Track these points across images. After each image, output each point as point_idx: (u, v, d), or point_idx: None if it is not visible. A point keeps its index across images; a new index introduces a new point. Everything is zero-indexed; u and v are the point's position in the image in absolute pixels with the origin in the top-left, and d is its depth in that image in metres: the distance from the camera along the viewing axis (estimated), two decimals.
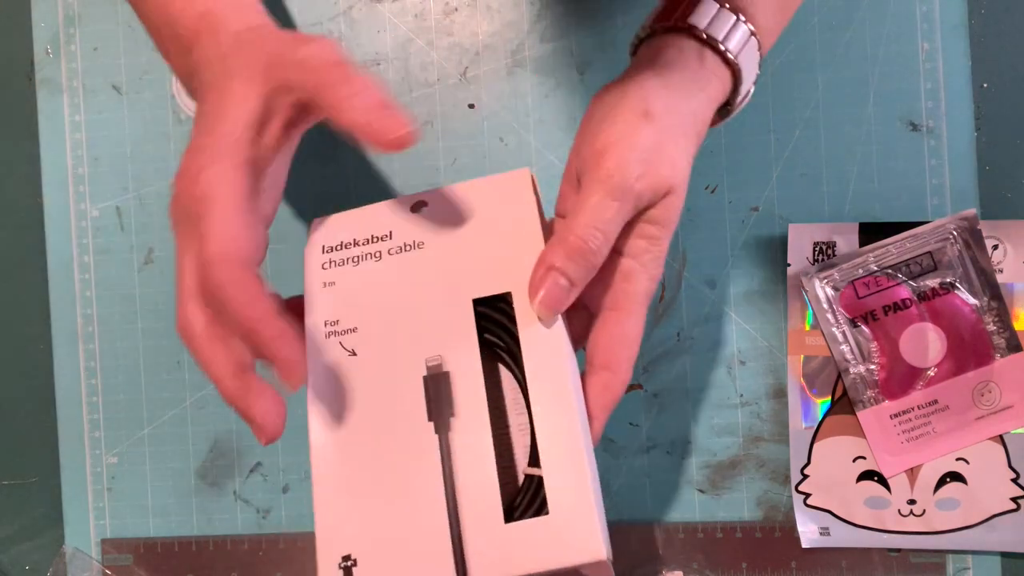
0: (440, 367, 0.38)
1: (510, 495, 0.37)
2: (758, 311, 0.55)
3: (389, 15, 0.57)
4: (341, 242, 0.41)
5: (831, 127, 0.55)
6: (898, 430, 0.54)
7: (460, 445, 0.37)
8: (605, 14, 0.56)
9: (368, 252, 0.41)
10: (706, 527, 0.56)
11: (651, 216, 0.39)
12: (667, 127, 0.39)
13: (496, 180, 0.41)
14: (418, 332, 0.39)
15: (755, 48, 0.41)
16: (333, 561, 0.37)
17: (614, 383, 0.40)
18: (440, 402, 0.37)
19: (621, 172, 0.37)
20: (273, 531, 0.57)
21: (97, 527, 0.58)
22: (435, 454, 0.37)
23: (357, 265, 0.41)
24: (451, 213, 0.41)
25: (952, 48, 0.54)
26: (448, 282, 0.39)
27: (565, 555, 0.34)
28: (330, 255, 0.41)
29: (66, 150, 0.59)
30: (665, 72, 0.40)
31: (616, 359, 0.40)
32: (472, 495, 0.36)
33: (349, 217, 0.42)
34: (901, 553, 0.54)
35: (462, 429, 0.37)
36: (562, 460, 0.36)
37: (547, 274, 0.37)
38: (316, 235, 0.42)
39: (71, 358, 0.59)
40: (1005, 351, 0.53)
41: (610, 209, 0.37)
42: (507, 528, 0.35)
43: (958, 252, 0.53)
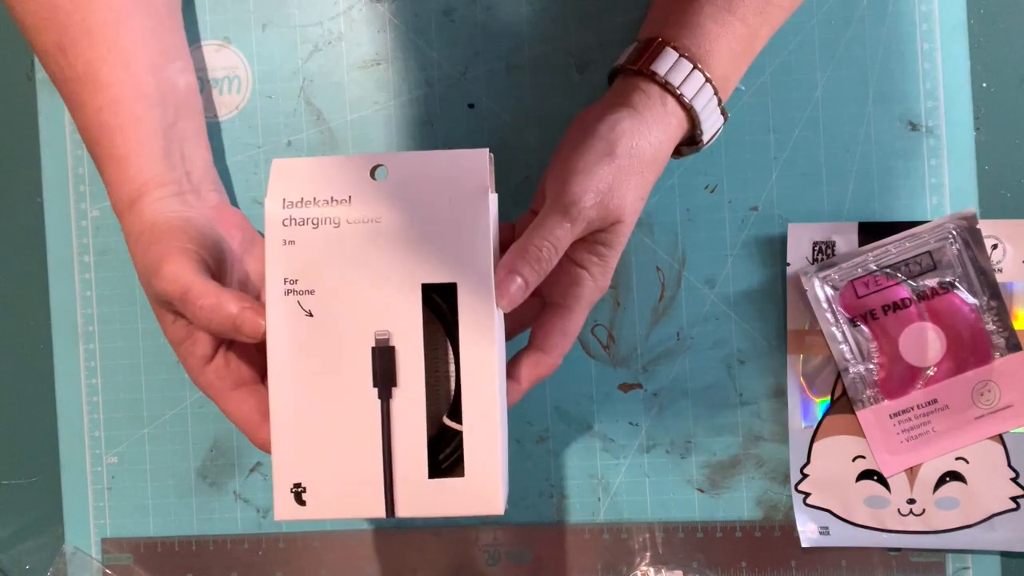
0: (387, 341, 0.44)
1: (434, 446, 0.44)
2: (758, 311, 0.55)
3: (389, 15, 0.57)
4: (301, 198, 0.44)
5: (830, 127, 0.55)
6: (898, 429, 0.54)
7: (398, 411, 0.44)
8: (605, 14, 0.56)
9: (328, 216, 0.44)
10: (706, 527, 0.56)
11: (601, 238, 0.47)
12: (624, 167, 0.46)
13: (455, 156, 0.44)
14: (370, 305, 0.44)
15: (711, 93, 0.48)
16: (287, 487, 0.44)
17: (546, 362, 0.48)
18: (385, 373, 0.44)
19: (577, 200, 0.45)
20: (273, 531, 0.57)
21: (97, 527, 0.58)
22: (377, 413, 0.44)
23: (316, 228, 0.44)
24: (409, 188, 0.44)
25: (952, 48, 0.54)
26: (401, 262, 0.44)
27: (472, 507, 0.44)
28: (290, 211, 0.44)
29: (66, 150, 0.59)
30: (635, 113, 0.47)
31: (553, 345, 0.48)
32: (404, 450, 0.44)
33: (309, 166, 0.45)
34: (901, 552, 0.54)
35: (401, 397, 0.44)
36: (480, 429, 0.43)
37: (507, 275, 0.44)
38: (277, 182, 0.45)
39: (71, 358, 0.59)
40: (1004, 350, 0.53)
41: (563, 229, 0.45)
42: (429, 482, 0.44)
43: (957, 251, 0.53)
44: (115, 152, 0.49)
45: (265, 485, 0.58)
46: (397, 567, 0.57)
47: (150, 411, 0.58)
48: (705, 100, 0.48)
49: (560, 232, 0.45)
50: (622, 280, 0.56)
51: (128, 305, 0.58)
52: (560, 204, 0.45)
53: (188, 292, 0.44)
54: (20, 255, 0.59)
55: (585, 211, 0.45)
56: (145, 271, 0.47)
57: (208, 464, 0.58)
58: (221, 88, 0.57)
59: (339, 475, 0.44)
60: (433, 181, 0.44)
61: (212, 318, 0.44)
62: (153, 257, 0.46)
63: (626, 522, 0.56)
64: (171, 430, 0.58)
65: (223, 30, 0.58)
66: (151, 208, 0.49)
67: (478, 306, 0.44)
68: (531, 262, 0.44)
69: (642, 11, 0.55)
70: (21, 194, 0.59)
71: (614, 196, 0.46)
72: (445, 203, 0.44)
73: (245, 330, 0.44)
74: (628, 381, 0.56)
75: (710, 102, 0.48)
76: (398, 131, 0.57)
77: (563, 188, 0.45)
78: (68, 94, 0.51)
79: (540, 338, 0.48)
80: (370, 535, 0.57)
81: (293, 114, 0.57)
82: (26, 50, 0.59)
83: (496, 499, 0.44)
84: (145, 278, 0.47)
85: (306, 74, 0.57)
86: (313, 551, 0.57)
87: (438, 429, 0.46)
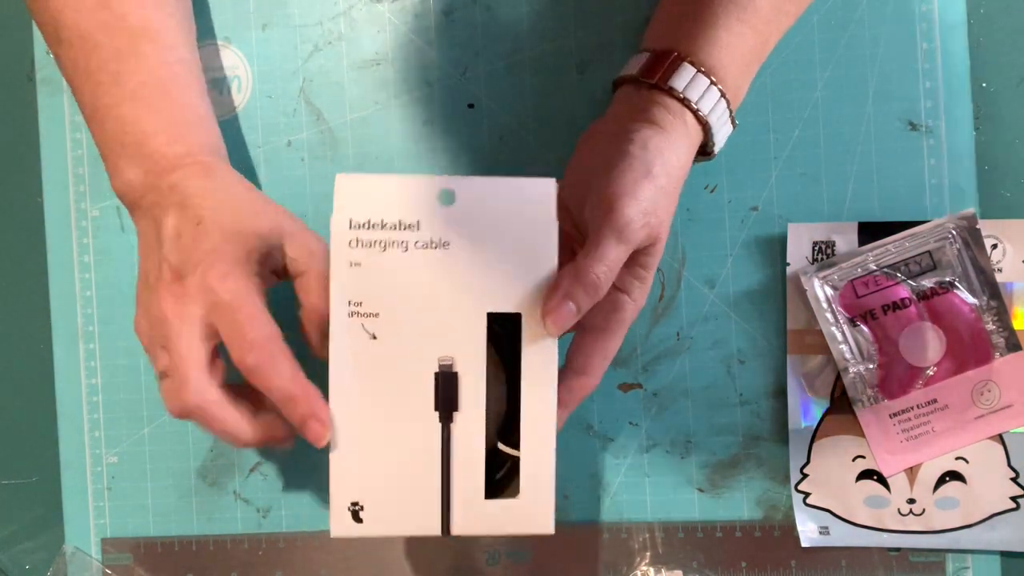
0: (451, 367, 0.45)
1: (490, 469, 0.45)
2: (757, 310, 0.55)
3: (389, 15, 0.57)
4: (369, 220, 0.44)
5: (830, 126, 0.55)
6: (897, 429, 0.54)
7: (458, 435, 0.45)
8: (605, 14, 0.56)
9: (396, 240, 0.44)
10: (706, 526, 0.56)
11: (641, 260, 0.47)
12: (662, 187, 0.46)
13: (523, 185, 0.45)
14: (434, 330, 0.44)
15: (724, 106, 0.49)
16: (344, 505, 0.45)
17: (588, 385, 0.48)
18: (447, 397, 0.45)
19: (629, 223, 0.45)
20: (273, 531, 0.58)
21: (97, 527, 0.58)
22: (437, 438, 0.45)
23: (384, 251, 0.44)
24: (477, 214, 0.44)
25: (951, 48, 0.54)
26: (467, 289, 0.44)
27: (525, 526, 0.45)
28: (357, 233, 0.44)
29: (66, 150, 0.59)
30: (661, 131, 0.47)
31: (594, 368, 0.48)
32: (462, 472, 0.45)
33: (377, 186, 0.44)
34: (901, 552, 0.54)
35: (461, 422, 0.45)
36: (537, 454, 0.45)
37: (562, 302, 0.44)
38: (343, 201, 0.44)
39: (71, 358, 0.59)
40: (1004, 350, 0.53)
41: (619, 252, 0.45)
42: (485, 503, 0.45)
43: (957, 251, 0.53)
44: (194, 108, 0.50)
45: (265, 485, 0.58)
46: (397, 567, 0.57)
47: (150, 411, 0.58)
48: (719, 113, 0.49)
49: (615, 256, 0.44)
50: None
51: (128, 305, 0.58)
52: (614, 227, 0.44)
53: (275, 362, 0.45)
54: (20, 255, 0.59)
55: (636, 233, 0.45)
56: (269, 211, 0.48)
57: (208, 464, 0.58)
58: (221, 88, 0.57)
59: (396, 494, 0.45)
60: (501, 210, 0.44)
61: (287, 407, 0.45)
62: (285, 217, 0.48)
63: (626, 522, 0.56)
64: (171, 430, 0.58)
65: (223, 30, 0.58)
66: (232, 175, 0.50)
67: (541, 338, 0.45)
68: (587, 288, 0.44)
69: (642, 11, 0.55)
70: (21, 194, 0.59)
71: (657, 216, 0.46)
72: (513, 232, 0.44)
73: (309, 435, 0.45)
74: (628, 381, 0.56)
75: (723, 114, 0.49)
76: (398, 131, 0.57)
77: (610, 211, 0.45)
78: (121, 46, 0.49)
79: (582, 362, 0.48)
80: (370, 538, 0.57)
81: (293, 114, 0.57)
82: (26, 50, 0.59)
83: (548, 519, 0.45)
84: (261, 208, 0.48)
85: (306, 74, 0.57)
86: (313, 551, 0.57)
87: (489, 452, 0.46)
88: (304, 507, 0.57)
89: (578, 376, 0.48)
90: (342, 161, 0.57)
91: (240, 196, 0.49)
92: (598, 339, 0.48)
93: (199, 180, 0.48)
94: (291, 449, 0.57)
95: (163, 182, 0.48)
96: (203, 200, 0.47)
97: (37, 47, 0.59)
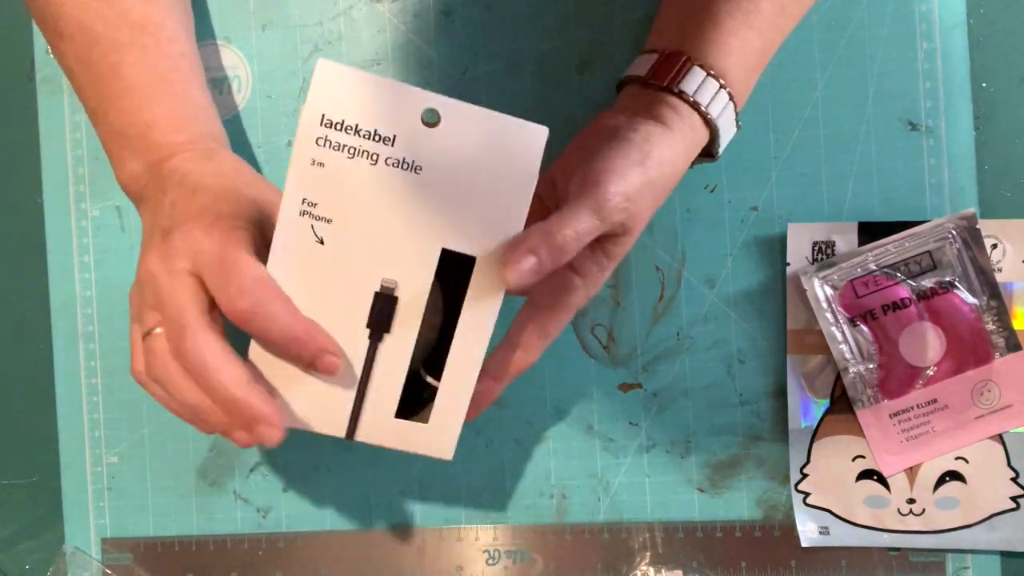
0: (392, 291, 0.44)
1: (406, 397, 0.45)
2: (757, 311, 0.55)
3: (389, 15, 0.57)
4: (343, 122, 0.41)
5: (830, 126, 0.55)
6: (897, 429, 0.54)
7: (383, 356, 0.44)
8: (605, 14, 0.56)
9: (367, 150, 0.41)
10: (706, 526, 0.56)
11: (607, 248, 0.47)
12: (651, 179, 0.46)
13: (513, 126, 0.42)
14: (384, 251, 0.43)
15: (732, 110, 0.49)
16: None
17: (524, 360, 0.48)
18: (381, 319, 0.44)
19: (610, 199, 0.44)
20: (273, 531, 0.58)
21: (97, 527, 0.58)
22: (363, 351, 0.44)
23: (351, 159, 0.42)
24: (457, 144, 0.42)
25: (951, 48, 0.54)
26: (428, 220, 0.43)
27: (426, 447, 0.46)
28: (328, 132, 0.41)
29: (66, 150, 0.59)
30: (667, 130, 0.47)
31: (531, 344, 0.48)
32: (378, 389, 0.45)
33: (360, 85, 0.41)
34: (901, 552, 0.54)
35: (390, 344, 0.44)
36: (455, 389, 0.45)
37: (525, 255, 0.42)
38: (320, 92, 0.41)
39: (71, 358, 0.59)
40: (1004, 350, 0.53)
41: (592, 225, 0.43)
42: (395, 421, 0.45)
43: (957, 251, 0.53)
44: (194, 99, 0.51)
45: (265, 485, 0.58)
46: (397, 567, 0.57)
47: (150, 411, 0.58)
48: (727, 116, 0.49)
49: (587, 226, 0.43)
50: (622, 280, 0.56)
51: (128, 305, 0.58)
52: (592, 199, 0.43)
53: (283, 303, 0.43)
54: (20, 255, 0.59)
55: (615, 212, 0.44)
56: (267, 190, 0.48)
57: (208, 464, 0.58)
58: (221, 88, 0.57)
59: (312, 392, 0.44)
60: (484, 146, 0.42)
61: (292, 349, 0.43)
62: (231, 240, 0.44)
63: (626, 522, 0.56)
64: (171, 430, 0.58)
65: (223, 30, 0.58)
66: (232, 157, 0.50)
67: (490, 286, 0.44)
68: (553, 248, 0.42)
69: (642, 11, 0.55)
70: (21, 194, 0.59)
71: (636, 204, 0.45)
72: (490, 173, 0.42)
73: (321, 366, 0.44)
74: (628, 381, 0.56)
75: (730, 117, 0.49)
76: None
77: (595, 184, 0.44)
78: (121, 38, 0.49)
79: (521, 337, 0.47)
80: (370, 535, 0.57)
81: (293, 114, 0.57)
82: (26, 50, 0.59)
83: (451, 445, 0.46)
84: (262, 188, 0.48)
85: (306, 74, 0.57)
86: (313, 551, 0.57)
87: (411, 376, 0.46)
88: (304, 507, 0.57)
89: (515, 350, 0.47)
90: None
91: (240, 170, 0.49)
92: (540, 317, 0.47)
93: (199, 162, 0.48)
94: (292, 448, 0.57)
95: (164, 168, 0.48)
96: (201, 176, 0.47)
97: (37, 47, 0.59)
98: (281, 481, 0.58)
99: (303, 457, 0.57)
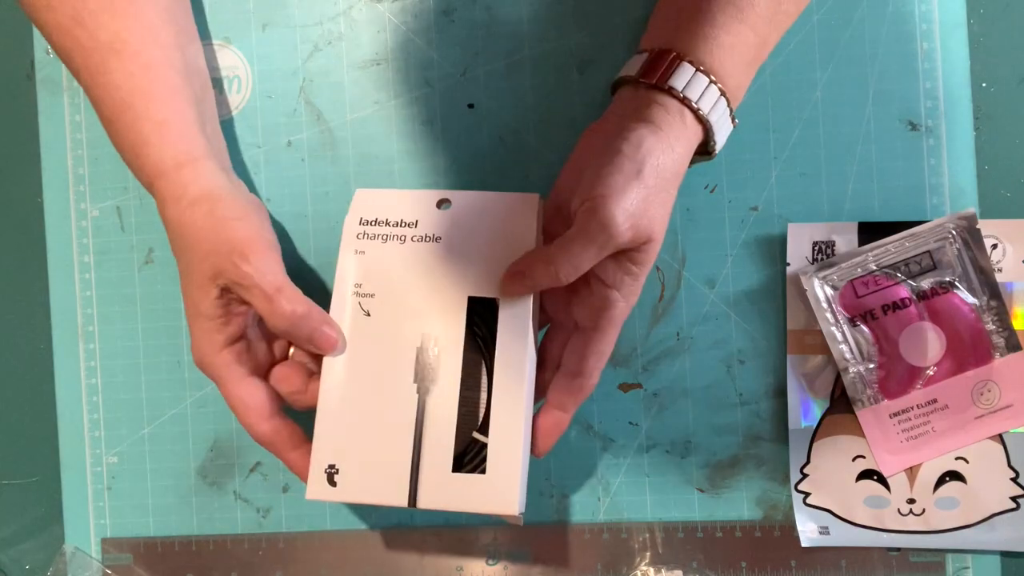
0: (432, 344, 0.48)
1: (460, 452, 0.48)
2: (757, 310, 0.55)
3: (389, 15, 0.57)
4: (376, 219, 0.50)
5: (830, 126, 0.55)
6: (897, 429, 0.54)
7: (432, 407, 0.48)
8: (605, 14, 0.56)
9: (396, 234, 0.50)
10: (706, 526, 0.56)
11: (632, 257, 0.47)
12: (653, 187, 0.46)
13: (510, 198, 0.50)
14: (421, 311, 0.49)
15: (725, 105, 0.49)
16: (321, 467, 0.48)
17: (586, 385, 0.49)
18: (426, 371, 0.48)
19: (607, 225, 0.45)
20: (273, 531, 0.58)
21: (97, 527, 0.58)
22: (413, 409, 0.48)
23: (385, 243, 0.50)
24: (468, 217, 0.50)
25: (951, 48, 0.54)
26: (453, 276, 0.49)
27: (490, 504, 0.47)
28: (365, 228, 0.50)
29: (66, 150, 0.59)
30: (657, 130, 0.47)
31: (589, 368, 0.49)
32: (433, 445, 0.48)
33: (387, 196, 0.51)
34: (901, 552, 0.54)
35: (438, 395, 0.48)
36: (504, 437, 0.47)
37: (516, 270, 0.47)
38: (357, 205, 0.51)
39: (71, 358, 0.59)
40: (1004, 350, 0.53)
41: (589, 253, 0.46)
42: (453, 476, 0.47)
43: (957, 251, 0.53)
44: (153, 115, 0.49)
45: (265, 485, 0.58)
46: (397, 567, 0.57)
47: (150, 411, 0.58)
48: (720, 112, 0.49)
49: (586, 256, 0.46)
50: None
51: (128, 305, 0.58)
52: (588, 230, 0.45)
53: (280, 292, 0.47)
54: (20, 255, 0.59)
55: (616, 236, 0.45)
56: (217, 243, 0.47)
57: (208, 464, 0.58)
58: (221, 88, 0.57)
59: (370, 462, 0.48)
60: (489, 214, 0.49)
61: (296, 324, 0.47)
62: (239, 236, 0.47)
63: (626, 522, 0.56)
64: (171, 430, 0.58)
65: (223, 30, 0.58)
66: (208, 176, 0.49)
67: (515, 324, 0.48)
68: (547, 278, 0.46)
69: (642, 11, 0.55)
70: (21, 194, 0.59)
71: (644, 217, 0.46)
72: (498, 233, 0.49)
73: (320, 343, 0.48)
74: (628, 381, 0.56)
75: (724, 113, 0.49)
76: (398, 131, 0.57)
77: (592, 213, 0.45)
78: (89, 64, 0.50)
79: (577, 363, 0.49)
80: (370, 535, 0.57)
81: (293, 114, 0.57)
82: (26, 50, 0.59)
83: (513, 499, 0.47)
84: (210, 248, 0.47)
85: (306, 74, 0.57)
86: (313, 551, 0.57)
87: (468, 442, 0.48)
88: (304, 507, 0.57)
89: (574, 378, 0.49)
90: (342, 161, 0.57)
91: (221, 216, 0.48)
92: (591, 339, 0.48)
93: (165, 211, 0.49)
94: None
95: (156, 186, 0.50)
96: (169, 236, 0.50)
97: (37, 47, 0.59)
98: (281, 481, 0.58)
99: None
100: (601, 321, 0.48)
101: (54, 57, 0.59)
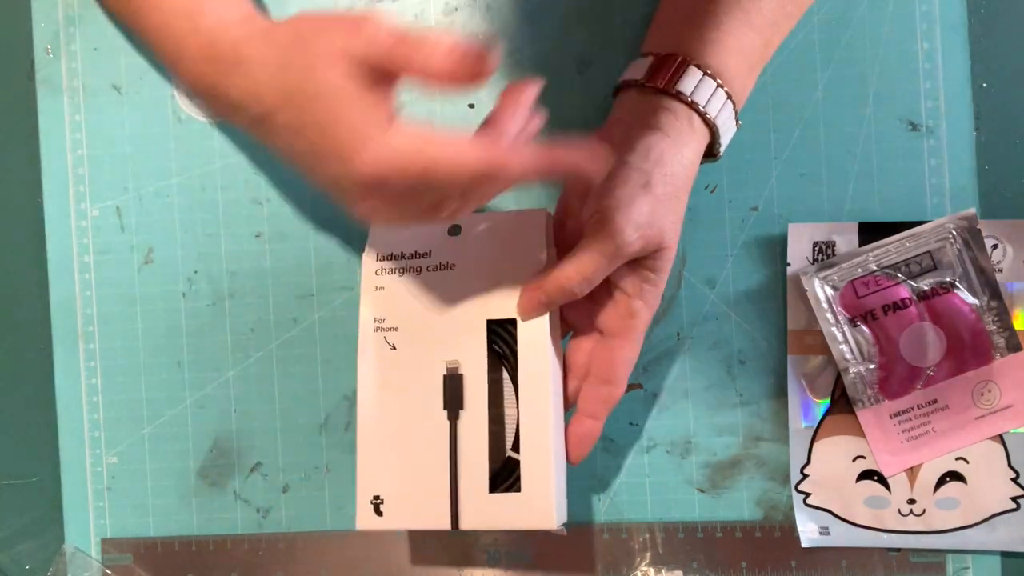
0: (457, 370, 0.49)
1: (496, 471, 0.49)
2: (758, 311, 0.55)
3: (389, 15, 0.57)
4: (391, 253, 0.51)
5: (831, 127, 0.55)
6: (898, 429, 0.54)
7: (464, 431, 0.49)
8: (605, 14, 0.56)
9: (412, 266, 0.51)
10: (706, 527, 0.56)
11: (648, 265, 0.48)
12: (661, 196, 0.47)
13: (519, 217, 0.51)
14: (443, 339, 0.50)
15: (731, 108, 0.49)
16: (367, 498, 0.50)
17: (614, 393, 0.49)
18: (453, 397, 0.49)
19: (616, 238, 0.45)
20: (273, 531, 0.57)
21: (97, 527, 0.58)
22: (446, 435, 0.49)
23: (402, 276, 0.51)
24: (478, 241, 0.51)
25: (951, 48, 0.54)
26: (470, 302, 0.50)
27: (528, 521, 0.48)
28: (382, 263, 0.51)
29: (66, 150, 0.59)
30: (665, 137, 0.47)
31: (616, 375, 0.49)
32: (468, 468, 0.49)
33: (399, 232, 0.52)
34: (901, 553, 0.54)
35: (467, 419, 0.49)
36: (534, 453, 0.48)
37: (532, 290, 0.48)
38: (373, 242, 0.52)
39: (71, 358, 0.59)
40: (1005, 350, 0.53)
41: (600, 265, 0.46)
42: (490, 497, 0.48)
43: (957, 252, 0.53)
44: None
45: (265, 485, 0.58)
46: (397, 567, 0.57)
47: (150, 411, 0.58)
48: (726, 115, 0.49)
49: (597, 268, 0.46)
50: None
51: (128, 305, 0.58)
52: (597, 242, 0.46)
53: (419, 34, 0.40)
54: (20, 255, 0.59)
55: (624, 247, 0.46)
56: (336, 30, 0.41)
57: (208, 464, 0.58)
58: None
59: (411, 489, 0.49)
60: (499, 236, 0.50)
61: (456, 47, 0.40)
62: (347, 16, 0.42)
63: (626, 522, 0.56)
64: (171, 430, 0.58)
65: None
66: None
67: (535, 340, 0.49)
68: (560, 293, 0.47)
69: (642, 11, 0.55)
70: (21, 194, 0.59)
71: (652, 227, 0.46)
72: (509, 253, 0.50)
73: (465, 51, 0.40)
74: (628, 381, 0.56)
75: (730, 116, 0.49)
76: None
77: (601, 226, 0.46)
78: None
79: (602, 371, 0.49)
80: (370, 535, 0.57)
81: None
82: (26, 50, 0.59)
83: (549, 514, 0.47)
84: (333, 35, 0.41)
85: None
86: (313, 551, 0.57)
87: (503, 462, 0.49)
88: (304, 507, 0.57)
89: (602, 385, 0.49)
90: None
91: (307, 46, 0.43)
92: (616, 346, 0.49)
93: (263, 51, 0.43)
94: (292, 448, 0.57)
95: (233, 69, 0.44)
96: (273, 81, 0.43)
97: (37, 47, 0.59)
98: (281, 481, 0.58)
99: (303, 457, 0.57)
100: (626, 329, 0.49)
101: (54, 57, 0.59)
